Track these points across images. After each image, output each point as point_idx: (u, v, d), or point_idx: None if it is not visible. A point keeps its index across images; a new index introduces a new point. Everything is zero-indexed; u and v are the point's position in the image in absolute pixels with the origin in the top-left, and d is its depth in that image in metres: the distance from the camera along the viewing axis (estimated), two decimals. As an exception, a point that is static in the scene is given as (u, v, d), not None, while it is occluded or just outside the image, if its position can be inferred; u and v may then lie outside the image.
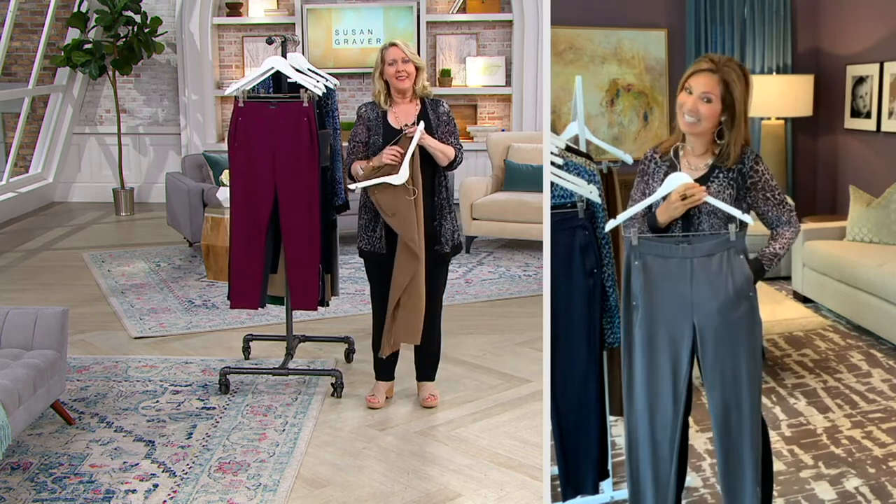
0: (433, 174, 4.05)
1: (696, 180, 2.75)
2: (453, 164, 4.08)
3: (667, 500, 2.78)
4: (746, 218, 2.72)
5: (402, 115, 4.05)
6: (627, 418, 2.81)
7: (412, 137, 3.91)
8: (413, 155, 3.91)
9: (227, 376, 4.42)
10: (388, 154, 3.92)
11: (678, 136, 2.81)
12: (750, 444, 2.70)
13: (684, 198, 2.70)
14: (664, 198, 2.76)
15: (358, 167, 4.04)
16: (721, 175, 2.74)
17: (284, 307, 4.49)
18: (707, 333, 2.69)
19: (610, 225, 2.85)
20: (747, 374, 2.68)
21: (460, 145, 4.11)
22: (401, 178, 3.87)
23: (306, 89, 4.16)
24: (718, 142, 2.73)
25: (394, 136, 3.99)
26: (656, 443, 2.76)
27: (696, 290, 2.69)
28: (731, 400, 2.70)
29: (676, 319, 2.71)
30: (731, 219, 2.72)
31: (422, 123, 3.96)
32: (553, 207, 3.00)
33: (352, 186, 4.03)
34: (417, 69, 4.03)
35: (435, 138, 4.03)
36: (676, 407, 2.75)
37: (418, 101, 4.09)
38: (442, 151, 4.01)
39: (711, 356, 2.70)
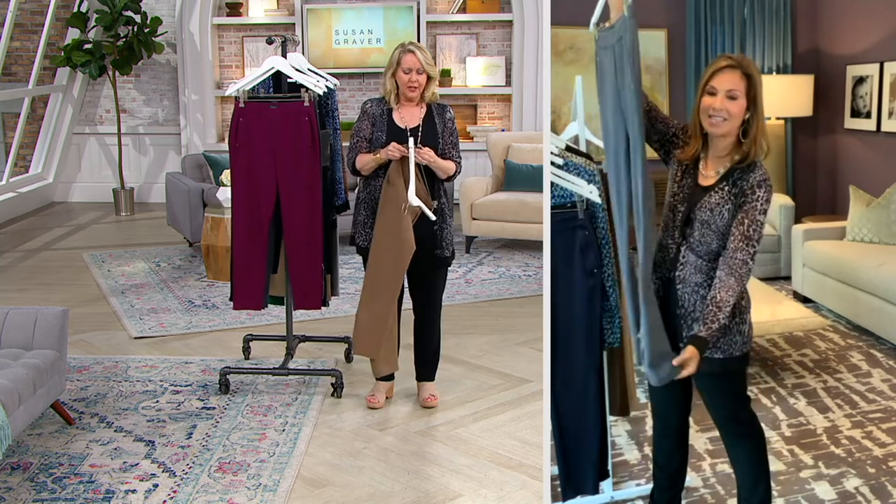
0: (433, 177, 4.06)
1: (704, 188, 2.74)
2: (451, 178, 4.11)
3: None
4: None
5: (407, 116, 4.06)
6: None
7: (412, 156, 3.92)
8: (415, 173, 3.93)
9: (227, 376, 4.42)
10: (392, 150, 3.93)
11: (699, 143, 2.77)
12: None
13: None
14: None
15: (364, 158, 4.04)
16: (726, 189, 2.69)
17: (284, 307, 4.49)
18: None
19: None
20: None
21: (460, 158, 4.14)
22: (412, 200, 3.89)
23: (307, 89, 4.16)
24: (743, 140, 2.69)
25: (397, 134, 4.00)
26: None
27: None
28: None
29: None
30: (724, 231, 2.69)
31: (411, 140, 3.96)
32: (553, 207, 3.00)
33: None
34: (429, 78, 4.03)
35: (439, 143, 4.04)
36: None
37: (424, 106, 4.09)
38: (443, 169, 4.04)
39: None
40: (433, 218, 3.99)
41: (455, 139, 4.12)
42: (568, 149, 3.15)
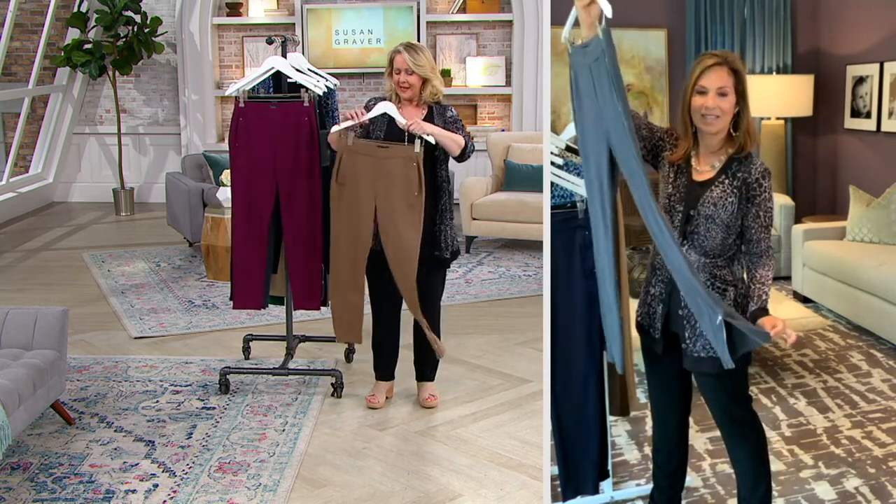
0: (434, 177, 4.04)
1: (701, 184, 2.73)
2: (465, 152, 4.01)
3: None
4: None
5: (407, 117, 4.04)
6: None
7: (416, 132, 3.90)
8: (419, 155, 3.90)
9: (227, 376, 4.42)
10: (348, 115, 3.95)
11: (689, 142, 2.77)
12: None
13: None
14: None
15: (333, 135, 4.03)
16: (726, 182, 2.69)
17: (284, 307, 4.49)
18: None
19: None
20: None
21: (469, 136, 4.06)
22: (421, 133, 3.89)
23: (307, 89, 4.16)
24: (735, 133, 2.70)
25: (397, 135, 3.99)
26: None
27: None
28: None
29: None
30: (729, 223, 2.70)
31: (415, 120, 3.93)
32: (553, 207, 3.00)
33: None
34: (425, 80, 4.01)
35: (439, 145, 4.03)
36: None
37: (425, 106, 4.08)
38: (450, 139, 3.95)
39: None
40: (432, 141, 3.92)
41: (459, 125, 4.06)
42: (568, 149, 3.15)
